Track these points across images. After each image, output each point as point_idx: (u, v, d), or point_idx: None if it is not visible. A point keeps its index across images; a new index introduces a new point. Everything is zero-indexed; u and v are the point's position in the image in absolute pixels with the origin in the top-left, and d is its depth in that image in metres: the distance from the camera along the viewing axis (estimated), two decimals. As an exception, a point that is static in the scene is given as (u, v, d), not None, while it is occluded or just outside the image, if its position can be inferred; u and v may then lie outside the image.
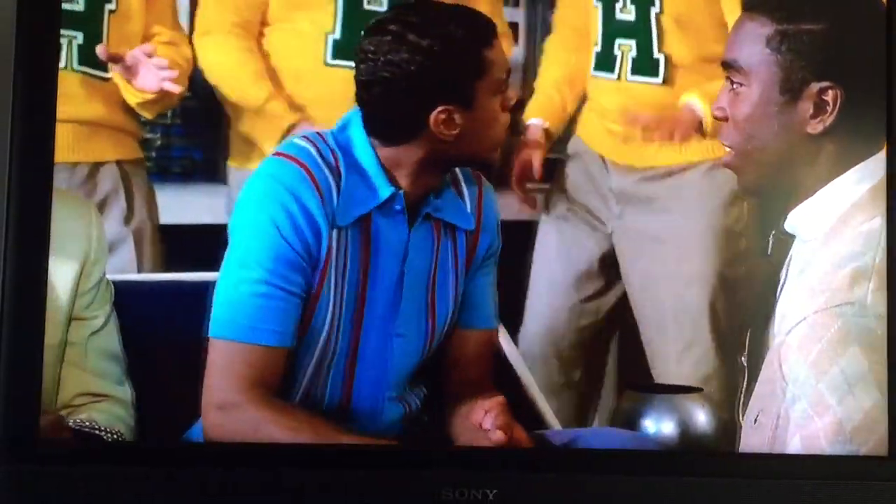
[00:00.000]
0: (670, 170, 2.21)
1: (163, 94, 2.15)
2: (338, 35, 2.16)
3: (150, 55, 2.12)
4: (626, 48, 2.21)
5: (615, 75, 2.22)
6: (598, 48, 2.23)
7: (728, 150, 1.86)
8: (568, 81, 2.28)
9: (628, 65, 2.21)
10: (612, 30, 2.22)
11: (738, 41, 1.85)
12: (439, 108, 1.79)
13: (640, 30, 2.20)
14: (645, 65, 2.21)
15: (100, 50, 2.11)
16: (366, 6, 2.14)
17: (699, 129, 2.15)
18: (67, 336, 1.81)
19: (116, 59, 2.12)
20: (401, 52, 1.78)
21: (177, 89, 2.13)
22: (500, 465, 1.77)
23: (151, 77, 2.12)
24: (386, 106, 1.80)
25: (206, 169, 2.23)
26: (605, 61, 2.23)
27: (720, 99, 1.86)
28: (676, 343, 2.16)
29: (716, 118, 1.88)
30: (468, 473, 1.75)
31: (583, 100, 2.27)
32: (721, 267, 2.17)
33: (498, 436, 1.75)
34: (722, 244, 2.19)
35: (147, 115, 2.16)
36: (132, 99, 2.14)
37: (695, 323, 2.16)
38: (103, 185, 2.15)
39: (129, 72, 2.12)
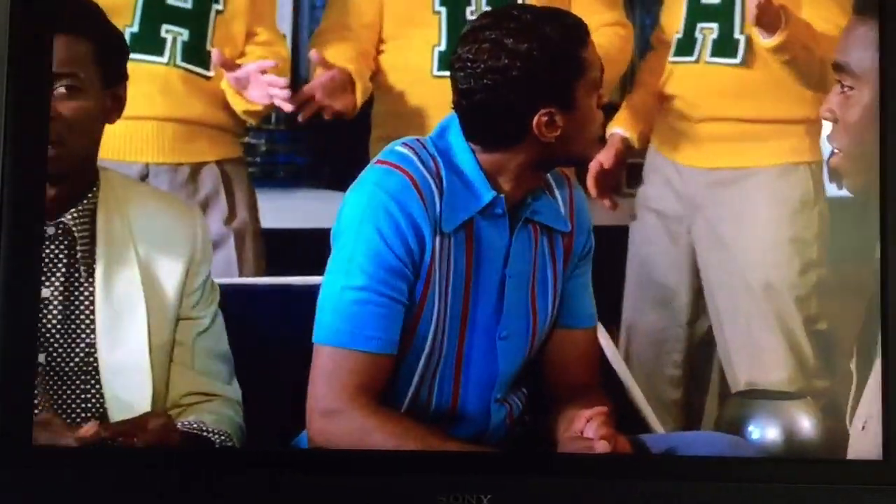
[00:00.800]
0: (740, 173, 2.20)
1: (270, 107, 2.18)
2: (443, 47, 2.18)
3: (264, 72, 2.15)
4: (707, 31, 2.21)
5: (694, 58, 2.22)
6: (680, 34, 2.24)
7: (837, 152, 1.85)
8: (656, 97, 2.28)
9: (708, 47, 2.21)
10: (696, 14, 2.22)
11: (848, 45, 1.83)
12: (541, 112, 1.79)
13: (723, 12, 2.20)
14: (725, 46, 2.20)
15: (215, 54, 2.14)
16: (469, 17, 2.16)
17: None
18: (175, 336, 1.84)
19: (231, 66, 2.15)
20: (501, 58, 1.78)
21: (288, 107, 2.15)
22: (494, 470, 1.78)
23: (262, 91, 2.15)
24: (488, 112, 1.80)
25: (309, 174, 2.25)
26: (686, 46, 2.24)
27: (830, 101, 1.85)
28: (750, 348, 2.14)
29: (825, 119, 1.87)
30: (463, 479, 1.76)
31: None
32: (795, 274, 2.15)
33: (602, 445, 1.75)
34: (793, 250, 2.17)
35: (251, 121, 2.19)
36: (238, 106, 2.16)
37: (772, 329, 2.14)
38: (204, 186, 2.18)
39: (240, 83, 2.14)
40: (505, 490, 1.75)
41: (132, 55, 2.04)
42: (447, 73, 1.83)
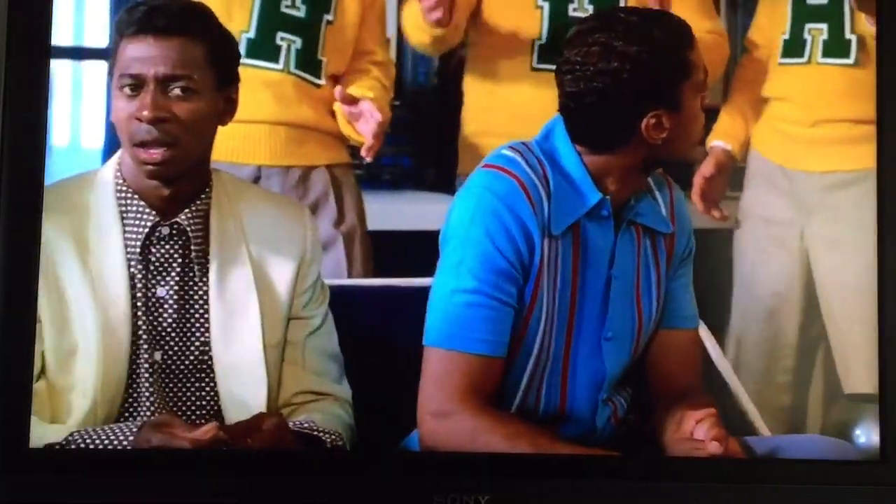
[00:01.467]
0: (856, 175, 2.17)
1: None
2: (544, 40, 2.19)
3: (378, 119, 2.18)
4: (816, 32, 2.19)
5: (805, 59, 2.20)
6: (787, 35, 2.22)
7: None
8: (752, 103, 2.27)
9: (819, 48, 2.19)
10: (802, 15, 2.20)
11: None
12: (650, 114, 1.80)
13: (832, 12, 2.18)
14: (836, 46, 2.18)
15: (338, 91, 2.17)
16: (571, 13, 2.16)
17: None
18: (287, 335, 1.86)
19: (348, 101, 2.19)
20: (611, 61, 1.78)
21: (377, 143, 2.19)
22: (491, 471, 1.77)
23: (371, 128, 2.17)
24: (598, 115, 1.81)
25: (414, 176, 2.26)
26: (794, 47, 2.22)
27: None
28: (864, 351, 2.12)
29: None
30: (460, 480, 1.76)
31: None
32: None
33: (714, 447, 1.75)
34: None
35: (355, 143, 2.22)
36: (346, 131, 2.20)
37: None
38: (314, 188, 2.20)
39: (353, 116, 2.18)
40: (503, 491, 1.76)
41: (249, 60, 2.09)
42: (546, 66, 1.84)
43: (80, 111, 2.12)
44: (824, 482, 1.79)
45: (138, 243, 1.80)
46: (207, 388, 1.81)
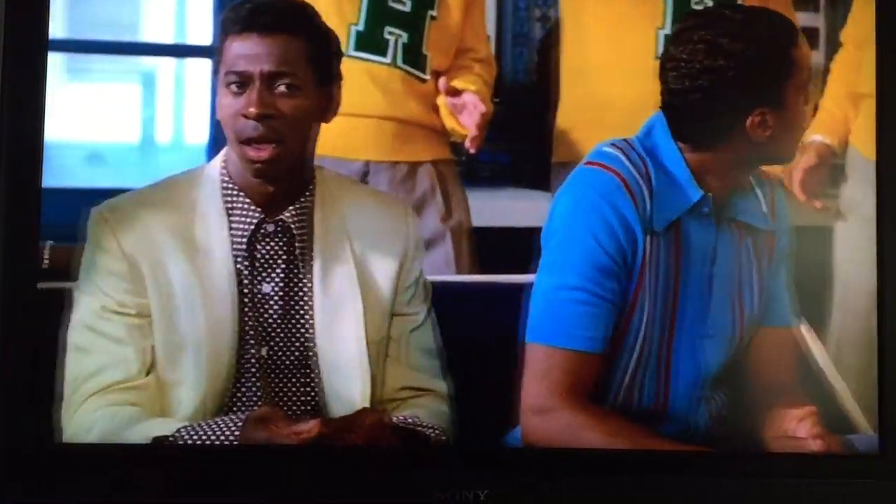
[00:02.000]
0: None
1: None
2: (668, 30, 2.18)
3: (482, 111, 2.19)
4: None
5: None
6: None
7: None
8: (850, 97, 2.24)
9: None
10: None
11: None
12: (756, 112, 1.79)
13: None
14: None
15: (441, 82, 2.18)
16: (693, 4, 2.16)
17: None
18: (390, 332, 1.87)
19: (453, 93, 2.20)
20: (717, 58, 1.78)
21: (481, 135, 2.20)
22: (491, 465, 1.78)
23: (474, 120, 2.18)
24: (704, 113, 1.80)
25: (512, 173, 2.26)
26: None
27: None
28: None
29: None
30: (460, 474, 1.76)
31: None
32: None
33: (816, 444, 1.74)
34: None
35: (456, 137, 2.22)
36: (449, 123, 2.21)
37: None
38: (421, 184, 2.21)
39: (457, 108, 2.19)
40: (503, 485, 1.76)
41: (358, 53, 2.11)
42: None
43: (183, 108, 2.15)
44: (822, 476, 1.79)
45: (244, 240, 1.82)
46: (311, 384, 1.83)
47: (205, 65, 2.13)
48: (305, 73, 1.82)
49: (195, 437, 1.73)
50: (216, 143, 1.99)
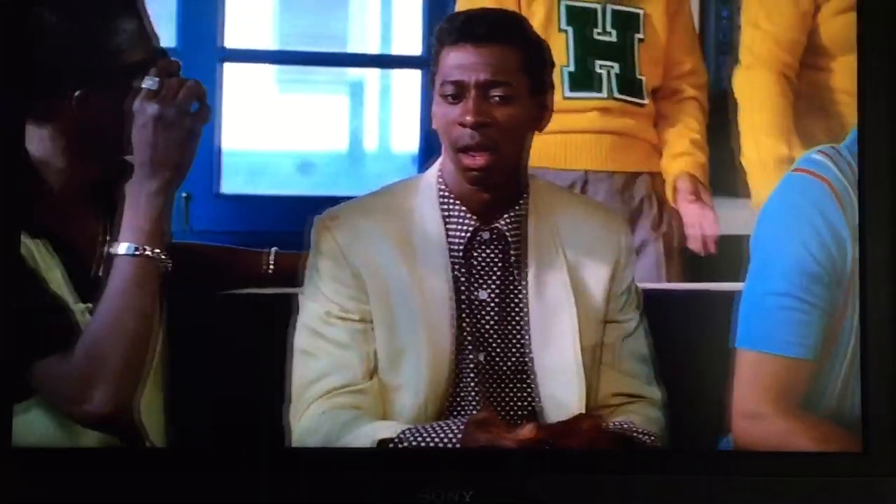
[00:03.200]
0: None
1: None
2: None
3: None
4: None
5: None
6: None
7: None
8: None
9: None
10: None
11: None
12: None
13: None
14: None
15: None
16: None
17: None
18: (602, 338, 1.89)
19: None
20: None
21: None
22: (476, 466, 1.76)
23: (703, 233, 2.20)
24: None
25: (714, 182, 2.26)
26: None
27: None
28: None
29: None
30: (445, 475, 1.74)
31: None
32: None
33: None
34: None
35: None
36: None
37: None
38: (638, 193, 2.22)
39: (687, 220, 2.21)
40: (487, 486, 1.75)
41: (573, 94, 2.13)
42: None
43: (390, 117, 2.19)
44: (806, 474, 1.77)
45: (461, 247, 1.85)
46: (528, 389, 1.85)
47: (411, 75, 2.18)
48: (520, 82, 1.84)
49: (419, 440, 1.76)
50: (427, 152, 2.04)
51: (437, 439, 1.76)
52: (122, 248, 1.74)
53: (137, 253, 1.74)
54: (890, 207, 1.79)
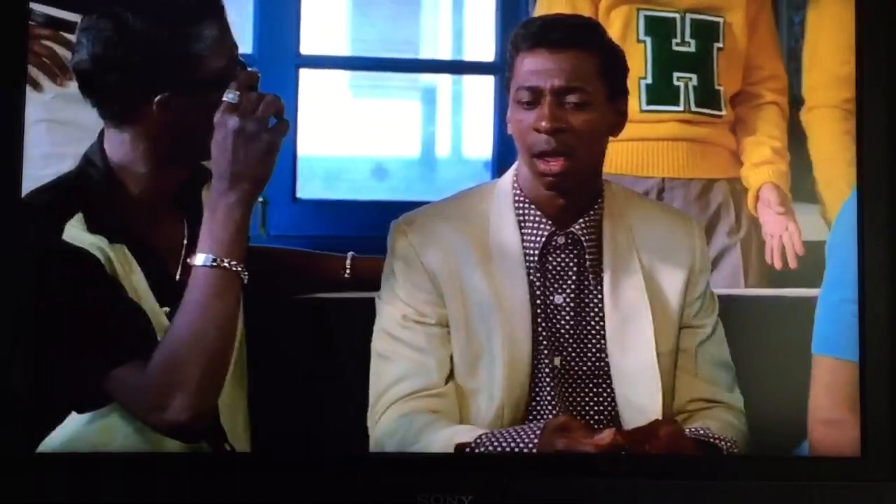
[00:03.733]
0: None
1: None
2: None
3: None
4: None
5: None
6: None
7: None
8: None
9: None
10: None
11: None
12: None
13: None
14: None
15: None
16: None
17: None
18: (679, 344, 1.88)
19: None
20: None
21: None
22: (475, 470, 1.76)
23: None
24: None
25: (797, 188, 2.24)
26: None
27: None
28: None
29: None
30: (444, 479, 1.74)
31: None
32: None
33: None
34: None
35: None
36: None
37: None
38: (715, 200, 2.21)
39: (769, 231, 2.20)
40: (487, 490, 1.75)
41: (651, 107, 2.13)
42: None
43: (462, 123, 2.20)
44: (804, 478, 1.78)
45: (536, 252, 1.86)
46: (605, 394, 1.85)
47: (484, 81, 2.19)
48: (596, 87, 1.84)
49: (495, 445, 1.76)
50: (501, 157, 2.04)
51: (513, 444, 1.76)
52: (200, 259, 1.76)
53: (215, 264, 1.76)
54: (888, 209, 1.81)
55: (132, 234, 1.80)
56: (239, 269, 1.76)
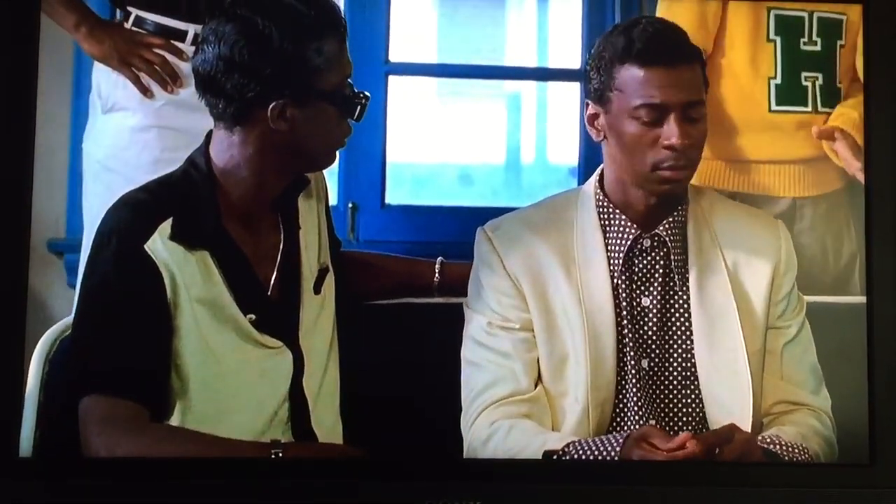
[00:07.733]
0: None
1: None
2: None
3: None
4: None
5: None
6: None
7: None
8: None
9: None
10: None
11: None
12: None
13: None
14: None
15: (814, 130, 2.13)
16: None
17: None
18: (765, 345, 1.89)
19: (826, 136, 2.15)
20: None
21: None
22: (483, 476, 1.77)
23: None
24: None
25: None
26: None
27: None
28: None
29: None
30: (453, 484, 1.75)
31: None
32: None
33: None
34: None
35: None
36: (831, 154, 2.18)
37: None
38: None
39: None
40: (495, 496, 1.76)
41: (781, 107, 2.12)
42: None
43: (546, 129, 2.21)
44: (813, 485, 1.79)
45: (621, 255, 1.88)
46: (693, 395, 1.86)
47: (569, 87, 2.20)
48: (704, 97, 1.87)
49: (581, 453, 1.79)
50: (587, 163, 2.05)
51: (597, 452, 1.79)
52: None
53: None
54: (894, 213, 1.83)
55: (222, 240, 1.82)
56: None
